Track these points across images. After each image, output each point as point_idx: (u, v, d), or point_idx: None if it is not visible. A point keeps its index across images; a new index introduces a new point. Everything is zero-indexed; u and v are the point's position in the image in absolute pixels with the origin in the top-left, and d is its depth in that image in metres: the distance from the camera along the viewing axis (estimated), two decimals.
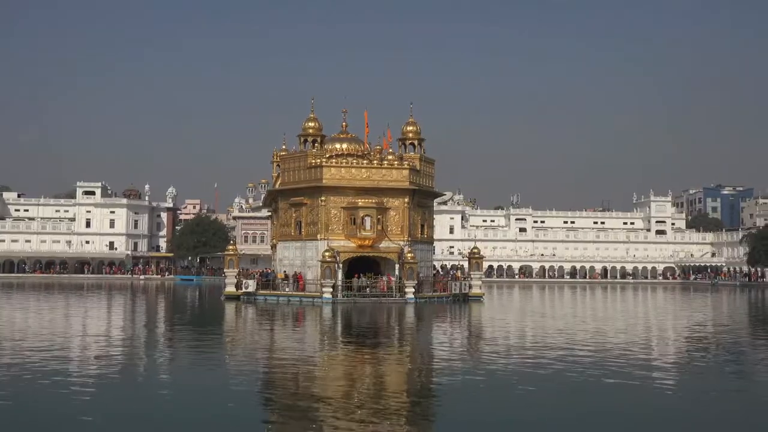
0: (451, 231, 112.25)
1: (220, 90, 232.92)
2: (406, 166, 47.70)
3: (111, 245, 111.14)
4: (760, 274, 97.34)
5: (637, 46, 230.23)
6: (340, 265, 44.76)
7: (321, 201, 46.41)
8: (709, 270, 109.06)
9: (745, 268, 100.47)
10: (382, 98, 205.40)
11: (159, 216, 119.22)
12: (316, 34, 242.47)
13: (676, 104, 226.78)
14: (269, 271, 51.42)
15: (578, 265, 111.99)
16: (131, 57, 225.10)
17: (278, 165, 52.57)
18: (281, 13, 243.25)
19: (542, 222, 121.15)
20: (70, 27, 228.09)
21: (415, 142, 50.09)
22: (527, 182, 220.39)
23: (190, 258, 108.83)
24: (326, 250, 44.23)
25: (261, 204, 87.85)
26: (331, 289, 43.47)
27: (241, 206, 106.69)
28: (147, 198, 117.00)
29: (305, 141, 48.96)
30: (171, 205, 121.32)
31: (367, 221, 45.41)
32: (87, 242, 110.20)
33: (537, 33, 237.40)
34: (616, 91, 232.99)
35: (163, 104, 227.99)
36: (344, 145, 48.68)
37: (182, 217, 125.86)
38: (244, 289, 46.80)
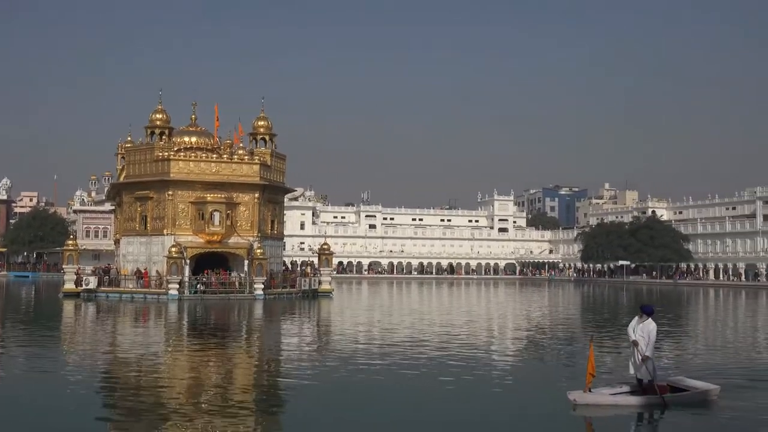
0: (302, 227, 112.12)
1: (62, 78, 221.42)
2: (256, 161, 47.30)
3: None
4: (592, 270, 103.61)
5: (477, 48, 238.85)
6: (188, 261, 43.83)
7: (168, 195, 45.24)
8: (547, 266, 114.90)
9: (579, 265, 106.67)
10: (234, 92, 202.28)
11: None
12: (166, 25, 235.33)
13: (518, 109, 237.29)
14: (110, 267, 49.54)
15: (425, 262, 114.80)
16: None
17: (123, 157, 50.80)
18: (133, 1, 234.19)
19: (391, 219, 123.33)
20: None
21: (267, 138, 49.78)
22: (377, 180, 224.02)
23: (26, 253, 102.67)
24: (173, 246, 43.19)
25: (104, 197, 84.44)
26: (177, 286, 42.47)
27: (83, 199, 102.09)
28: None
29: (152, 133, 47.61)
30: (5, 198, 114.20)
31: (216, 216, 44.71)
32: None
33: (389, 32, 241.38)
34: (462, 92, 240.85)
35: None
36: (193, 139, 47.61)
37: (17, 210, 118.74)
38: (84, 286, 44.74)
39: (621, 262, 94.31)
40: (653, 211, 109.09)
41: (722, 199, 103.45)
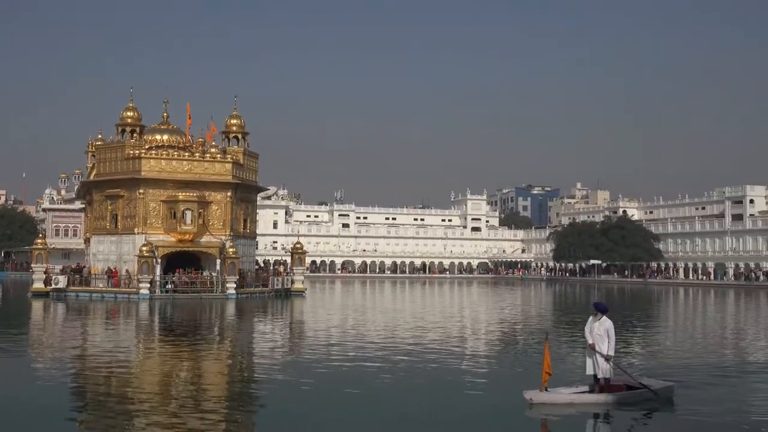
0: (275, 226, 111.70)
1: (32, 75, 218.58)
2: (229, 159, 47.06)
3: None
4: (564, 270, 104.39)
5: (452, 50, 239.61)
6: (159, 260, 43.48)
7: (139, 194, 44.86)
8: (519, 265, 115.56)
9: (552, 264, 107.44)
10: (207, 90, 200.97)
11: None
12: (138, 22, 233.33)
13: (491, 109, 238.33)
14: (82, 266, 49.00)
15: (399, 261, 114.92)
16: None
17: (93, 155, 50.29)
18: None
19: (365, 218, 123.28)
20: None
21: (239, 136, 49.52)
22: (351, 179, 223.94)
23: None
24: (144, 245, 42.83)
25: (74, 196, 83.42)
26: (148, 285, 42.11)
27: (53, 198, 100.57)
28: None
29: (123, 131, 47.19)
30: None
31: (188, 215, 44.39)
32: None
33: (359, 32, 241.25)
34: (436, 92, 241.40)
35: None
36: (165, 137, 47.17)
37: None
38: (53, 285, 44.21)
39: (592, 262, 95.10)
40: (624, 211, 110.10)
41: (692, 199, 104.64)
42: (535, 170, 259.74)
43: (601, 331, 12.45)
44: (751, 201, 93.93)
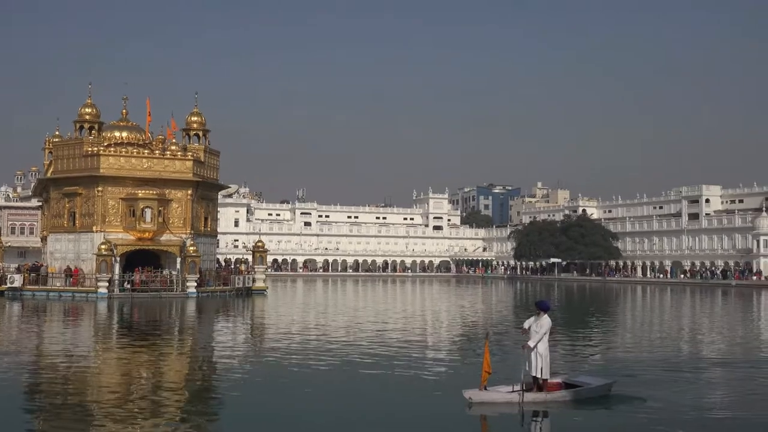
0: (236, 224, 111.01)
1: None
2: (189, 157, 46.66)
3: None
4: (524, 268, 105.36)
5: (414, 48, 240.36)
6: (118, 259, 42.98)
7: (98, 191, 44.29)
8: (480, 264, 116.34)
9: (512, 262, 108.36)
10: (167, 87, 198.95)
11: None
12: (98, 17, 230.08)
13: (453, 109, 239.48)
14: (40, 264, 48.21)
15: (361, 259, 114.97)
16: None
17: (51, 152, 49.54)
18: None
19: (327, 216, 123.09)
20: None
21: (200, 133, 49.12)
22: (313, 177, 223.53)
23: None
24: (102, 243, 42.29)
25: (30, 193, 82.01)
26: (107, 284, 41.60)
27: (8, 195, 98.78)
28: None
29: (81, 128, 46.62)
30: None
31: (148, 213, 43.94)
32: None
33: (321, 29, 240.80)
34: (398, 91, 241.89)
35: None
36: (124, 134, 46.56)
37: None
38: (9, 284, 43.45)
39: (553, 260, 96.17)
40: (584, 210, 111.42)
41: (650, 199, 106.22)
42: (497, 169, 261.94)
43: (537, 328, 12.52)
44: (707, 200, 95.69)
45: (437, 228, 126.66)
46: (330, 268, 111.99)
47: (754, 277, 75.67)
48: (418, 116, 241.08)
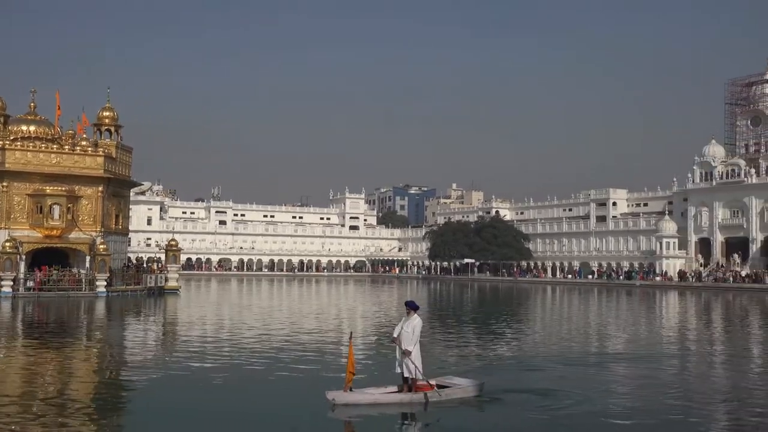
0: (149, 222, 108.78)
1: None
2: (100, 153, 45.68)
3: None
4: (439, 268, 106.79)
5: (332, 49, 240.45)
6: (23, 257, 41.74)
7: (3, 187, 42.93)
8: (396, 264, 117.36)
9: (427, 262, 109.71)
10: (78, 81, 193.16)
11: None
12: (6, 6, 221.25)
13: (370, 109, 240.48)
14: None
15: (276, 259, 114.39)
16: None
17: None
18: None
19: (242, 215, 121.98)
20: None
21: (112, 129, 48.19)
22: (229, 176, 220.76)
23: None
24: (7, 241, 41.02)
25: None
26: (11, 283, 40.36)
27: None
28: None
29: None
30: None
31: (56, 210, 42.83)
32: None
33: (243, 25, 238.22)
34: (315, 91, 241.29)
35: None
36: (32, 128, 45.17)
37: None
38: None
39: (466, 260, 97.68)
40: (497, 211, 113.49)
41: (560, 201, 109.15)
42: (413, 170, 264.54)
43: (408, 329, 12.42)
44: (614, 203, 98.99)
45: (353, 228, 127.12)
46: (245, 267, 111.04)
47: (658, 278, 78.77)
48: (335, 116, 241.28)
